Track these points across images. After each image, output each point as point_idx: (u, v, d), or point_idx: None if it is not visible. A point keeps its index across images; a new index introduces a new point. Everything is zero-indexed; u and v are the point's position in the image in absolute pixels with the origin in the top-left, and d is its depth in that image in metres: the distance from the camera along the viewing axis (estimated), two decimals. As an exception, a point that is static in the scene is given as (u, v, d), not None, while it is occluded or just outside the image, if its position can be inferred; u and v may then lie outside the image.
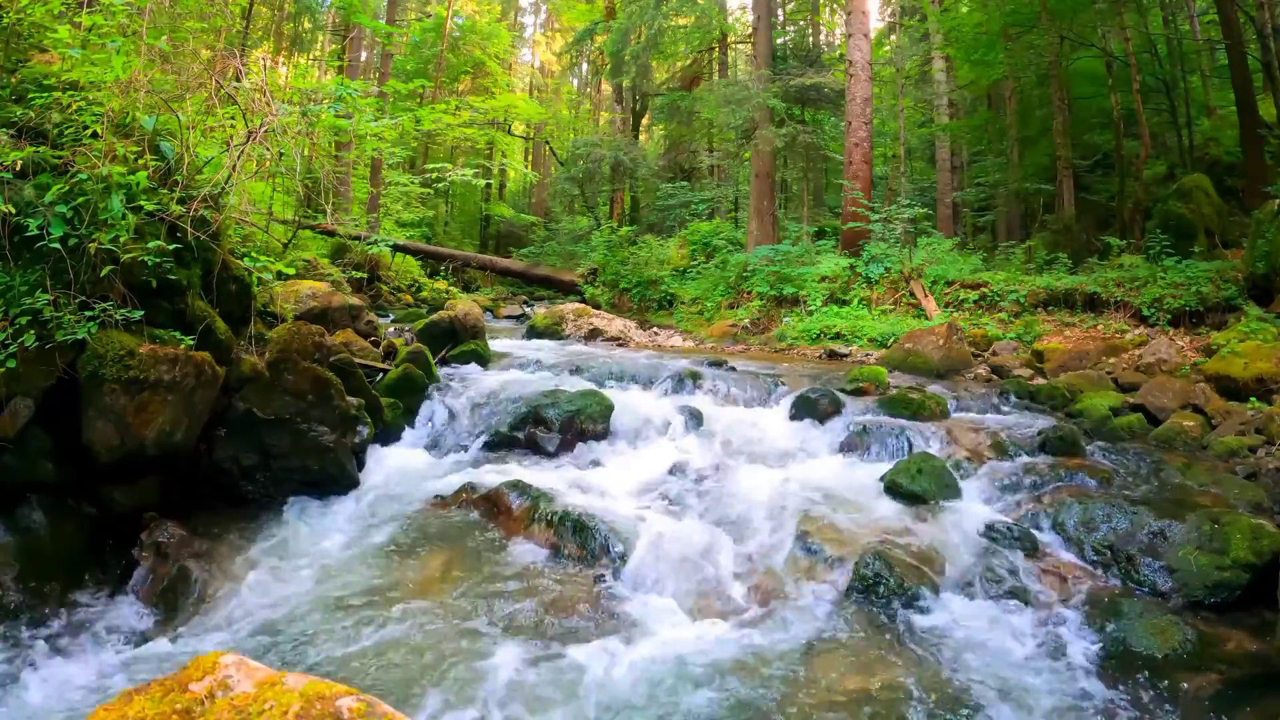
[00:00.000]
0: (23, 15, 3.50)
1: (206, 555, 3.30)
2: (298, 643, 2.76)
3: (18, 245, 2.98)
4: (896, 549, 3.40)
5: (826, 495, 4.12)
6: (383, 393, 5.08)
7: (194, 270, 3.69)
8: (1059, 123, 12.20)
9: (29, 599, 2.83)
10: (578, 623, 2.98)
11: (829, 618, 3.03)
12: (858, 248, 11.45)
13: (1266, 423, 5.06)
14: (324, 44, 23.93)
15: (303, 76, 16.26)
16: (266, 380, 3.85)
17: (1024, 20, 12.46)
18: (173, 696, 1.40)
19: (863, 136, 12.63)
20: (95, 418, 3.13)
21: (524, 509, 3.77)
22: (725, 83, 17.42)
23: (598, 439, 5.06)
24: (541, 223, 25.63)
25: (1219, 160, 11.77)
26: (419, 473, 4.53)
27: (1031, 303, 9.10)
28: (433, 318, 7.25)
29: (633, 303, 13.60)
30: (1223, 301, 7.61)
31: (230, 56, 4.64)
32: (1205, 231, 9.10)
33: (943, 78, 17.47)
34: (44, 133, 3.26)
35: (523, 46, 34.21)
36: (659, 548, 3.48)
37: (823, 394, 5.51)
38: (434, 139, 21.79)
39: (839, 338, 9.55)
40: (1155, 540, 3.38)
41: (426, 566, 3.38)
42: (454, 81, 24.81)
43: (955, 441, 4.85)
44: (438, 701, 2.44)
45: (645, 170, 21.74)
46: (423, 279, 16.34)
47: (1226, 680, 2.61)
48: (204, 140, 4.03)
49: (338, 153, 10.98)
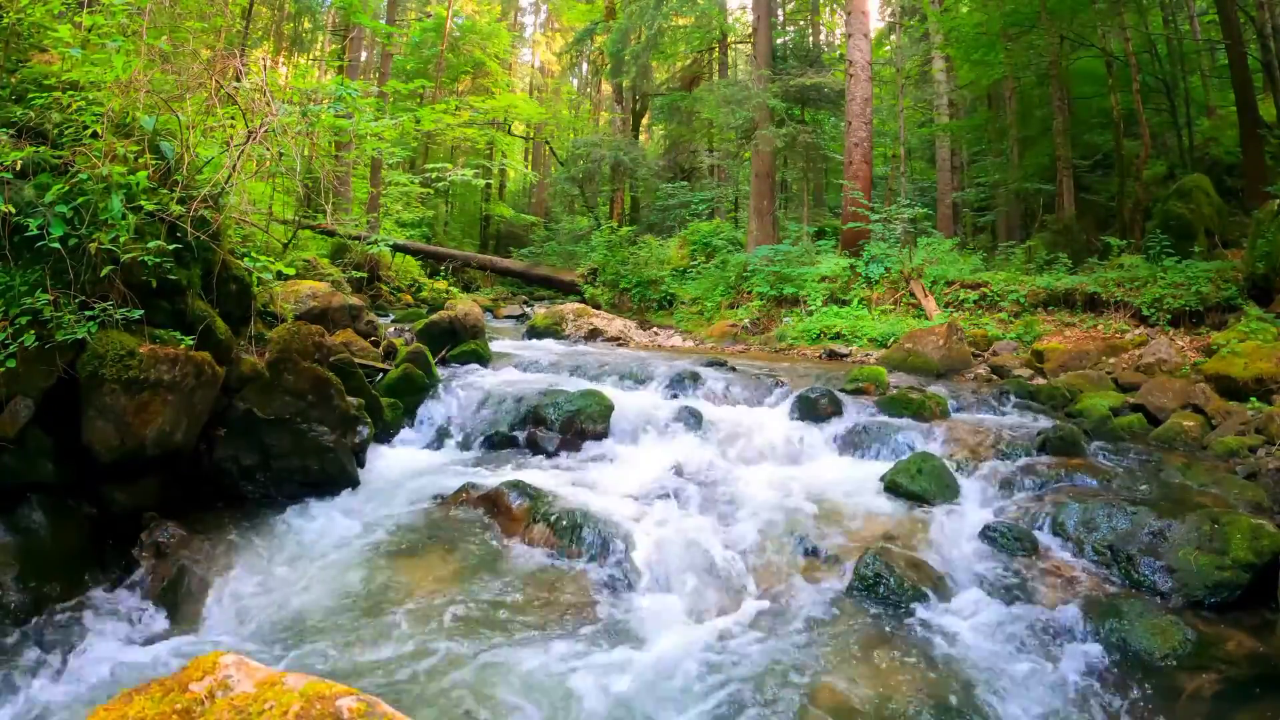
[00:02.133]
0: (23, 15, 3.49)
1: (206, 555, 3.29)
2: (298, 643, 2.76)
3: (18, 245, 2.98)
4: (897, 549, 3.40)
5: (826, 495, 4.12)
6: (383, 393, 5.08)
7: (194, 270, 3.69)
8: (1059, 123, 12.20)
9: (29, 599, 2.83)
10: (578, 623, 2.98)
11: (829, 618, 3.03)
12: (858, 248, 11.45)
13: (1266, 423, 5.06)
14: (324, 44, 23.94)
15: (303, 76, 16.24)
16: (266, 380, 3.85)
17: (1024, 20, 12.46)
18: (173, 696, 1.40)
19: (863, 136, 12.63)
20: (95, 418, 3.13)
21: (524, 509, 3.77)
22: (725, 83, 17.43)
23: (598, 439, 5.06)
24: (541, 223, 25.63)
25: (1219, 160, 11.77)
26: (419, 472, 4.53)
27: (1031, 303, 9.10)
28: (433, 318, 7.25)
29: (633, 303, 13.60)
30: (1223, 301, 7.62)
31: (230, 56, 4.64)
32: (1205, 231, 9.11)
33: (943, 78, 17.47)
34: (44, 133, 3.26)
35: (523, 46, 34.21)
36: (659, 548, 3.48)
37: (823, 394, 5.51)
38: (434, 139, 21.80)
39: (839, 338, 9.55)
40: (1155, 540, 3.38)
41: (426, 566, 3.38)
42: (454, 81, 24.81)
43: (955, 441, 4.85)
44: (438, 702, 2.44)
45: (645, 170, 21.74)
46: (423, 279, 16.34)
47: (1226, 680, 2.60)
48: (204, 140, 4.02)
49: (338, 153, 10.97)
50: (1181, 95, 12.88)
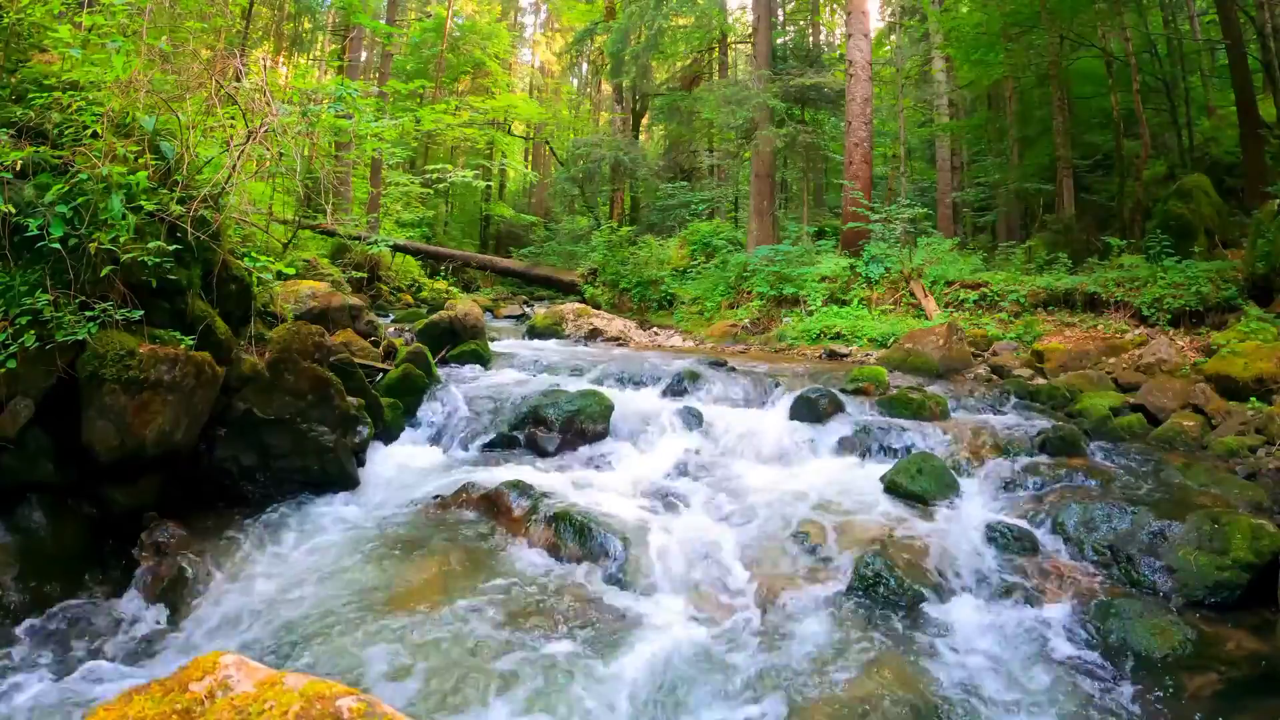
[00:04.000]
0: (23, 15, 3.50)
1: (206, 555, 3.30)
2: (298, 642, 2.76)
3: (18, 245, 2.98)
4: (897, 549, 3.40)
5: (827, 495, 4.12)
6: (383, 393, 5.07)
7: (194, 270, 3.69)
8: (1059, 123, 12.20)
9: (29, 599, 2.83)
10: (577, 623, 2.97)
11: (829, 618, 3.02)
12: (858, 248, 11.45)
13: (1266, 423, 5.06)
14: (324, 44, 23.95)
15: (303, 76, 16.26)
16: (266, 380, 3.85)
17: (1024, 20, 12.47)
18: (173, 696, 1.40)
19: (863, 136, 12.63)
20: (95, 418, 3.13)
21: (524, 509, 3.77)
22: (725, 83, 17.42)
23: (598, 439, 5.06)
24: (541, 223, 25.63)
25: (1219, 160, 11.76)
26: (419, 473, 4.53)
27: (1031, 303, 9.10)
28: (433, 318, 7.25)
29: (633, 303, 13.60)
30: (1223, 301, 7.61)
31: (230, 56, 4.64)
32: (1205, 231, 9.10)
33: (943, 78, 17.46)
34: (44, 133, 3.26)
35: (523, 46, 34.21)
36: (659, 548, 3.48)
37: (823, 394, 5.51)
38: (434, 139, 21.79)
39: (839, 338, 9.55)
40: (1155, 540, 3.38)
41: (426, 566, 3.38)
42: (454, 81, 24.81)
43: (955, 441, 4.85)
44: (438, 702, 2.44)
45: (645, 170, 21.74)
46: (423, 279, 16.34)
47: (1226, 680, 2.60)
48: (204, 140, 4.02)
49: (338, 153, 10.98)
50: (1181, 95, 12.88)
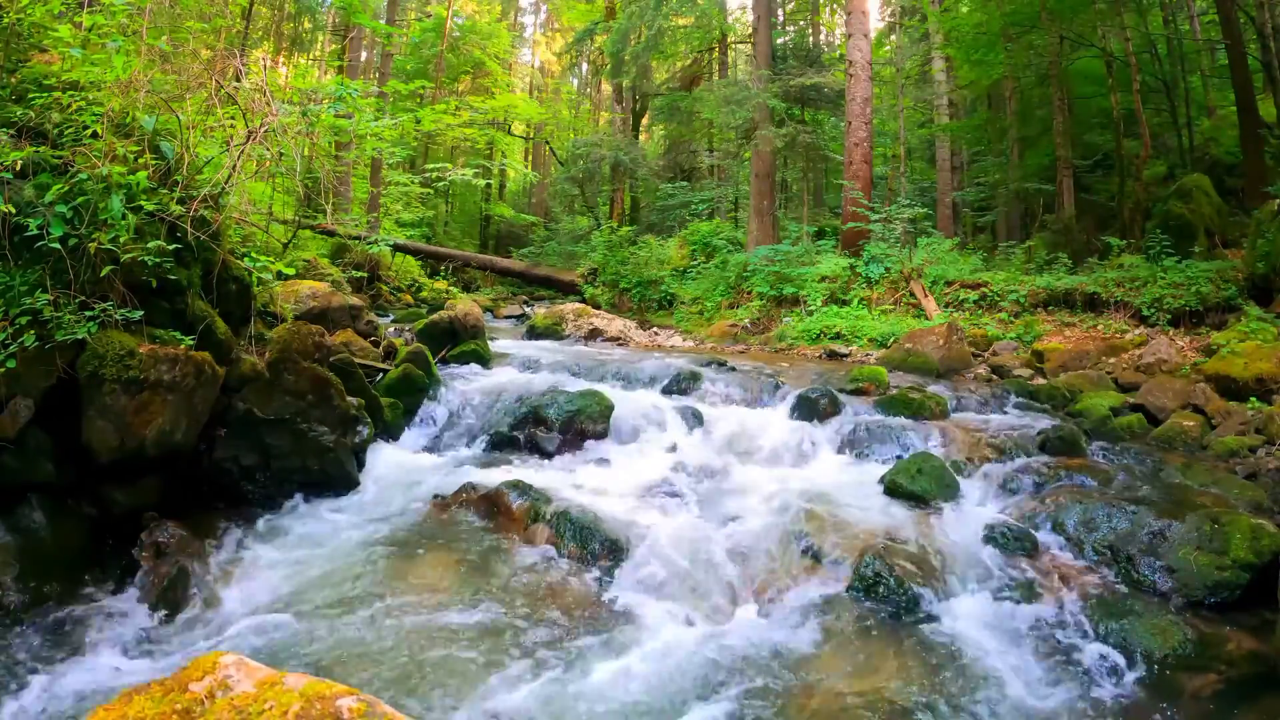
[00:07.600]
0: (23, 15, 3.49)
1: (206, 555, 3.30)
2: (298, 642, 2.76)
3: (18, 245, 2.98)
4: (896, 549, 3.40)
5: (826, 495, 4.12)
6: (383, 393, 5.07)
7: (194, 270, 3.69)
8: (1059, 123, 12.20)
9: (29, 599, 2.83)
10: (577, 622, 2.98)
11: (829, 618, 3.02)
12: (858, 248, 11.45)
13: (1266, 423, 5.06)
14: (324, 44, 23.92)
15: (303, 76, 16.25)
16: (266, 380, 3.85)
17: (1024, 20, 12.47)
18: (173, 696, 1.40)
19: (863, 136, 12.63)
20: (95, 418, 3.13)
21: (524, 509, 3.77)
22: (725, 83, 17.42)
23: (598, 439, 5.06)
24: (541, 223, 25.62)
25: (1219, 160, 11.76)
26: (419, 472, 4.53)
27: (1031, 303, 9.10)
28: (433, 318, 7.24)
29: (633, 303, 13.60)
30: (1223, 301, 7.62)
31: (230, 56, 4.65)
32: (1205, 231, 9.11)
33: (943, 78, 17.46)
34: (44, 133, 3.26)
35: (523, 46, 34.21)
36: (659, 548, 3.48)
37: (823, 394, 5.51)
38: (434, 139, 21.81)
39: (839, 338, 9.55)
40: (1155, 540, 3.38)
41: (426, 566, 3.38)
42: (454, 81, 24.81)
43: (955, 441, 4.85)
44: (438, 702, 2.44)
45: (645, 170, 21.73)
46: (423, 279, 16.33)
47: (1226, 680, 2.60)
48: (204, 140, 4.02)
49: (338, 153, 10.98)
50: (1181, 95, 12.88)
